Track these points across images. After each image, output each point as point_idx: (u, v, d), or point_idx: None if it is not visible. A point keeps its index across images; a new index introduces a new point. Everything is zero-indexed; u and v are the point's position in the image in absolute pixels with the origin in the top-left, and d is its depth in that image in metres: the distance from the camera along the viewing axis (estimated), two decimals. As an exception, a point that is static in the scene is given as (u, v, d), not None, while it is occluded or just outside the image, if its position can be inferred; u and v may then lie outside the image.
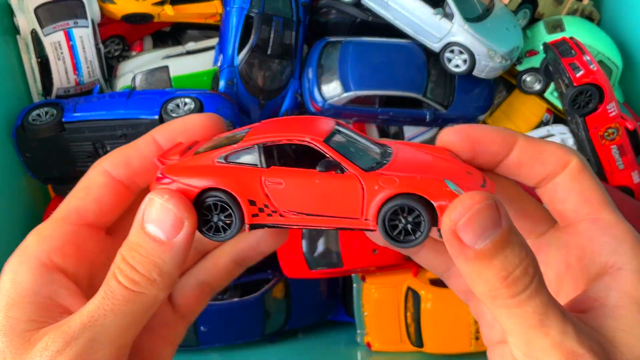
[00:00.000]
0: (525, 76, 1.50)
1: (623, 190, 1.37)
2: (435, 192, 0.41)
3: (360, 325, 1.39)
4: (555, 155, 0.46)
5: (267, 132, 0.46)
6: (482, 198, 0.38)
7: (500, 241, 0.38)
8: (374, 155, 0.46)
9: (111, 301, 0.42)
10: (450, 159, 0.46)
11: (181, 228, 0.43)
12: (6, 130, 1.31)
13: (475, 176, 0.45)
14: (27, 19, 1.36)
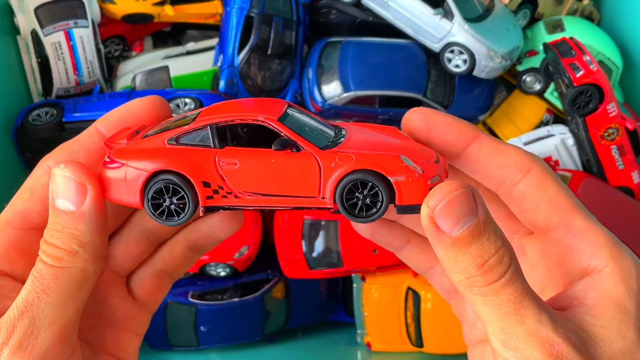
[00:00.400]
0: (525, 76, 1.50)
1: (623, 190, 1.37)
2: (392, 167, 0.41)
3: (360, 325, 1.39)
4: (514, 159, 0.46)
5: (221, 111, 0.45)
6: (459, 186, 0.39)
7: (477, 229, 0.39)
8: (328, 134, 0.45)
9: (40, 282, 0.42)
10: (402, 137, 0.46)
11: (86, 193, 0.43)
12: (6, 130, 1.31)
13: (428, 152, 0.44)
14: (27, 19, 1.36)
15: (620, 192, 1.36)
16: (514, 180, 0.46)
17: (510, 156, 0.46)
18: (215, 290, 1.41)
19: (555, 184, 0.45)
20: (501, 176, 0.46)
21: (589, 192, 1.28)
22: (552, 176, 0.46)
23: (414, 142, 0.46)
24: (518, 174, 0.45)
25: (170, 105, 1.29)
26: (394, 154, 0.42)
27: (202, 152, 0.43)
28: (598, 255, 0.43)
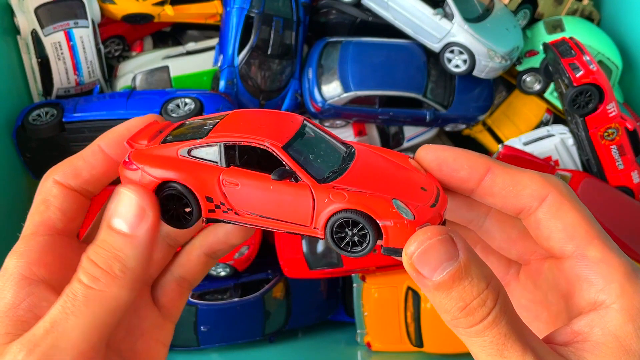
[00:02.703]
0: (525, 76, 1.50)
1: (623, 190, 1.37)
2: (381, 211, 0.42)
3: (360, 325, 1.39)
4: (530, 188, 0.45)
5: (234, 128, 0.46)
6: (435, 233, 0.40)
7: (457, 273, 0.39)
8: (333, 161, 0.46)
9: (72, 303, 0.41)
10: (411, 169, 0.47)
11: (144, 219, 0.43)
12: (6, 130, 1.31)
13: (429, 193, 0.45)
14: (27, 19, 1.36)
15: (620, 192, 1.36)
16: (531, 209, 0.45)
17: (525, 185, 0.45)
18: (215, 290, 1.41)
19: (573, 211, 0.44)
20: (518, 206, 0.45)
21: (589, 192, 1.28)
22: (570, 202, 0.44)
23: (420, 176, 0.46)
24: (534, 202, 0.45)
25: (171, 105, 1.30)
26: (386, 198, 0.43)
27: (209, 168, 0.45)
28: (608, 290, 0.42)
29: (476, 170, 0.45)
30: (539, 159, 1.38)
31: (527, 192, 0.44)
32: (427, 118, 1.47)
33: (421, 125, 1.52)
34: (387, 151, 0.49)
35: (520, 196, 0.45)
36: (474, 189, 0.46)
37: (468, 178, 0.46)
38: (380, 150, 0.49)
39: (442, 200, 0.45)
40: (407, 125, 1.55)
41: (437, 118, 1.47)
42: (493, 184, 0.45)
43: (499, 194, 0.45)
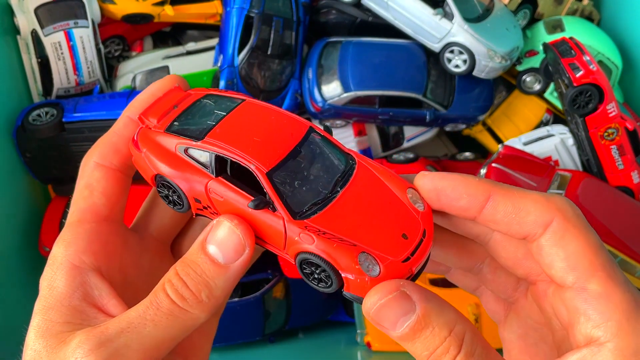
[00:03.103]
0: (525, 76, 1.50)
1: (623, 190, 1.37)
2: (345, 264, 0.42)
3: (360, 325, 1.39)
4: (533, 214, 0.43)
5: (231, 135, 0.45)
6: (387, 291, 0.40)
7: (417, 326, 0.40)
8: (323, 186, 0.45)
9: (154, 312, 0.42)
10: (402, 203, 0.45)
11: (242, 254, 0.44)
12: (6, 130, 1.31)
13: (409, 242, 0.43)
14: (27, 19, 1.36)
15: (620, 192, 1.36)
16: (535, 235, 0.43)
17: (528, 212, 0.43)
18: (215, 290, 1.41)
19: (578, 239, 0.42)
20: (522, 233, 0.44)
21: (589, 192, 1.28)
22: (575, 229, 0.42)
23: (408, 216, 0.45)
24: (538, 229, 0.43)
25: (170, 105, 1.30)
26: (353, 251, 0.42)
27: (200, 173, 0.46)
28: (605, 327, 0.40)
29: (476, 198, 0.44)
30: (539, 159, 1.38)
31: (531, 218, 0.43)
32: (427, 118, 1.47)
33: (421, 125, 1.52)
34: (388, 175, 0.47)
35: (524, 223, 0.43)
36: (475, 217, 0.45)
37: (468, 207, 0.44)
38: (381, 172, 0.47)
39: (421, 251, 0.44)
40: (407, 125, 1.55)
41: (437, 118, 1.47)
42: (495, 212, 0.44)
43: (501, 221, 0.44)
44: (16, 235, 1.33)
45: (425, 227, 0.45)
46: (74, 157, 1.34)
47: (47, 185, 1.46)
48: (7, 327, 1.21)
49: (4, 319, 1.21)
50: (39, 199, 1.45)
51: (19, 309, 1.28)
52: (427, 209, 0.45)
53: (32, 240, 1.36)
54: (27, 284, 1.34)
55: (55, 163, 1.35)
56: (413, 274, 0.44)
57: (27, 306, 1.41)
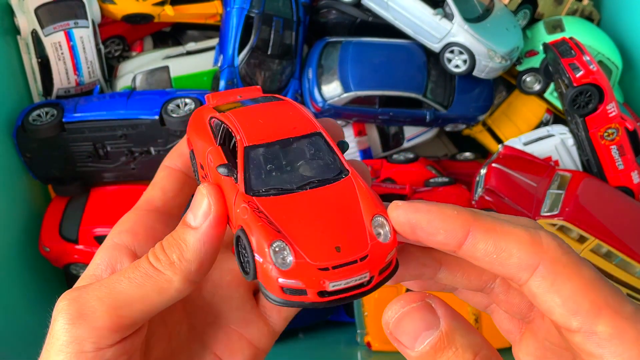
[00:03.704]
0: (525, 76, 1.50)
1: (623, 190, 1.37)
2: (258, 244, 0.40)
3: (360, 325, 1.39)
4: (516, 257, 0.38)
5: (246, 114, 0.48)
6: (410, 300, 0.38)
7: (439, 343, 0.36)
8: (295, 181, 0.43)
9: (132, 271, 0.45)
10: (357, 226, 0.42)
11: (209, 215, 0.45)
12: (6, 130, 1.31)
13: (340, 257, 0.40)
14: (27, 19, 1.36)
15: (620, 192, 1.36)
16: (521, 280, 0.39)
17: (511, 254, 0.38)
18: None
19: (572, 281, 0.38)
20: (506, 275, 0.39)
21: (589, 192, 1.28)
22: (567, 268, 0.38)
23: (355, 235, 0.41)
24: (523, 273, 0.38)
25: (171, 105, 1.30)
26: (274, 235, 0.40)
27: (209, 140, 0.49)
28: None
29: (453, 235, 0.39)
30: (539, 159, 1.38)
31: (514, 261, 0.38)
32: (427, 118, 1.47)
33: (421, 125, 1.52)
34: (369, 198, 0.43)
35: (506, 265, 0.39)
36: (455, 252, 0.41)
37: (445, 242, 0.40)
38: (363, 193, 0.43)
39: (347, 272, 0.40)
40: (407, 125, 1.55)
41: (437, 118, 1.47)
42: (474, 250, 0.39)
43: (482, 260, 0.39)
44: (16, 235, 1.33)
45: (373, 257, 0.40)
46: (74, 157, 1.34)
47: (47, 185, 1.46)
48: (7, 326, 1.20)
49: (4, 319, 1.21)
50: (39, 199, 1.45)
51: (19, 309, 1.28)
52: (390, 242, 0.41)
53: (32, 240, 1.36)
54: (27, 283, 1.34)
55: (55, 163, 1.35)
56: (326, 290, 0.40)
57: (27, 306, 1.41)
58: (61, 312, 0.44)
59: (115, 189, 1.39)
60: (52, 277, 1.44)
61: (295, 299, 0.40)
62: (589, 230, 1.19)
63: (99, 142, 1.32)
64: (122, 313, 0.43)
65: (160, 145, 1.33)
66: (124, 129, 1.30)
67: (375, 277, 0.41)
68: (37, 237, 1.36)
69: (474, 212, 0.40)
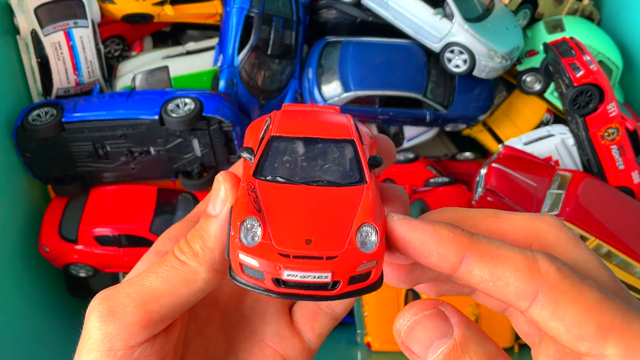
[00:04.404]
0: (525, 76, 1.50)
1: (623, 190, 1.37)
2: (235, 218, 0.40)
3: (360, 325, 1.39)
4: (513, 285, 0.37)
5: (299, 115, 0.48)
6: (422, 307, 0.36)
7: (453, 353, 0.35)
8: (306, 177, 0.43)
9: (159, 266, 0.45)
10: (340, 230, 0.40)
11: (226, 203, 0.44)
12: (6, 130, 1.31)
13: (305, 248, 0.39)
14: (27, 19, 1.35)
15: (620, 192, 1.36)
16: (520, 308, 0.37)
17: (508, 283, 0.37)
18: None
19: (574, 305, 0.36)
20: (505, 304, 0.39)
21: (589, 192, 1.27)
22: (567, 294, 0.36)
23: (336, 240, 0.39)
24: (522, 302, 0.37)
25: (170, 105, 1.30)
26: (251, 212, 0.40)
27: (255, 138, 0.49)
28: None
29: (447, 259, 0.38)
30: (539, 159, 1.38)
31: (511, 290, 0.37)
32: (427, 118, 1.46)
33: (421, 125, 1.52)
34: (368, 209, 0.41)
35: (504, 293, 0.37)
36: (450, 275, 0.39)
37: (439, 265, 0.39)
38: (367, 204, 0.42)
39: (308, 265, 0.38)
40: (407, 125, 1.55)
41: (437, 118, 1.47)
42: (470, 276, 0.38)
43: (478, 286, 0.38)
44: (16, 235, 1.33)
45: (343, 260, 0.38)
46: (73, 157, 1.34)
47: (47, 185, 1.46)
48: (7, 326, 1.20)
49: (4, 319, 1.21)
50: (39, 199, 1.44)
51: (18, 309, 1.28)
52: (370, 253, 0.39)
53: (32, 240, 1.36)
54: (27, 283, 1.34)
55: (55, 163, 1.35)
56: (281, 278, 0.38)
57: (26, 306, 1.41)
58: (93, 311, 0.43)
59: (115, 189, 1.39)
60: (52, 277, 1.44)
61: (252, 281, 0.40)
62: (589, 230, 1.19)
63: (98, 142, 1.32)
64: (151, 308, 0.43)
65: (160, 145, 1.33)
66: (124, 128, 1.30)
67: (341, 283, 0.39)
68: (37, 237, 1.36)
69: (470, 235, 0.38)
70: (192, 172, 1.38)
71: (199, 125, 1.29)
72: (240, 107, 1.42)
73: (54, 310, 1.41)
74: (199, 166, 1.37)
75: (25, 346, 1.24)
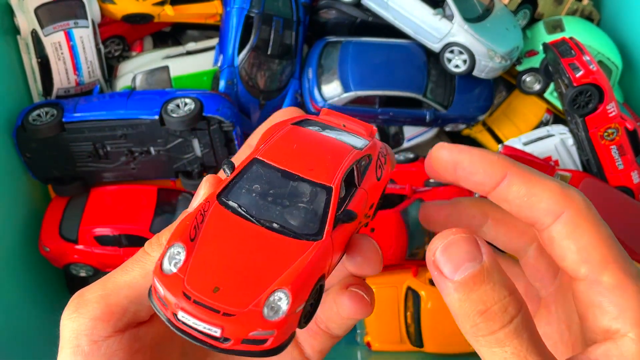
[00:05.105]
0: (525, 76, 1.50)
1: (623, 190, 1.37)
2: (165, 240, 0.44)
3: (360, 325, 1.39)
4: (545, 202, 0.42)
5: (296, 142, 0.45)
6: (460, 231, 0.39)
7: (479, 275, 0.38)
8: (257, 207, 0.42)
9: (128, 261, 0.46)
10: (255, 282, 0.39)
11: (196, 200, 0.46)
12: (6, 130, 1.31)
13: (210, 296, 0.38)
14: (27, 19, 1.35)
15: (620, 192, 1.36)
16: (544, 224, 0.43)
17: (540, 199, 0.42)
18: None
19: (590, 232, 0.41)
20: (531, 218, 0.43)
21: (589, 192, 1.27)
22: (588, 222, 0.42)
23: (244, 295, 0.38)
24: (548, 218, 0.42)
25: (170, 105, 1.30)
26: (181, 239, 0.40)
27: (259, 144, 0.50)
28: (622, 318, 0.40)
29: (492, 175, 0.44)
30: (539, 159, 1.38)
31: (542, 206, 0.42)
32: (427, 118, 1.47)
33: (421, 125, 1.52)
34: (299, 274, 0.39)
35: (534, 209, 0.42)
36: (489, 193, 0.45)
37: (483, 182, 0.44)
38: (300, 268, 0.40)
39: (201, 313, 0.37)
40: (407, 125, 1.55)
41: (437, 118, 1.47)
42: (508, 192, 0.43)
43: (513, 202, 0.44)
44: (16, 235, 1.33)
45: (239, 321, 0.37)
46: (73, 157, 1.34)
47: (47, 185, 1.46)
48: (7, 326, 1.20)
49: (4, 319, 1.21)
50: (39, 199, 1.45)
51: (18, 309, 1.28)
52: (272, 322, 0.38)
53: (32, 240, 1.36)
54: (27, 283, 1.34)
55: (55, 163, 1.35)
56: (177, 316, 0.38)
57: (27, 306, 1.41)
58: (64, 311, 0.44)
59: (115, 188, 1.39)
60: (52, 277, 1.44)
61: (159, 305, 0.39)
62: (588, 230, 1.19)
63: (98, 142, 1.32)
64: (111, 301, 0.44)
65: (160, 145, 1.33)
66: (124, 128, 1.30)
67: (233, 341, 0.38)
68: (37, 237, 1.36)
69: (511, 160, 0.44)
70: (192, 172, 1.38)
71: (199, 125, 1.29)
72: (240, 107, 1.42)
73: (54, 310, 1.40)
74: (199, 166, 1.37)
75: (25, 346, 1.25)
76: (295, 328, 0.40)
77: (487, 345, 0.39)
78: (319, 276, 0.40)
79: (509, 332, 0.38)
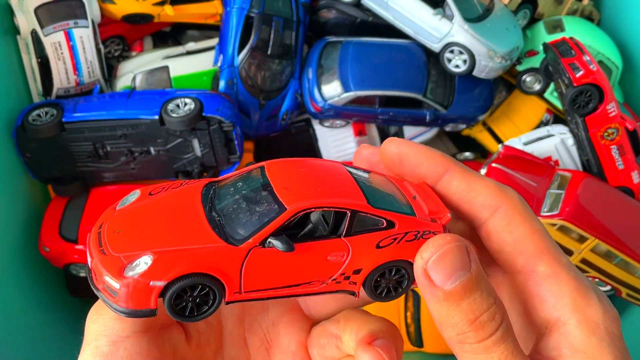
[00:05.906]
0: (525, 76, 1.50)
1: (623, 190, 1.37)
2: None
3: (360, 325, 1.39)
4: (482, 197, 0.44)
5: (296, 172, 0.46)
6: (453, 239, 0.40)
7: (469, 284, 0.39)
8: (244, 226, 0.42)
9: None
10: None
11: None
12: (6, 130, 1.31)
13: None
14: (27, 19, 1.35)
15: (620, 192, 1.36)
16: (481, 219, 0.45)
17: (478, 194, 0.44)
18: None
19: (524, 225, 0.43)
20: (470, 212, 0.45)
21: (589, 192, 1.28)
22: (521, 216, 0.44)
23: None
24: (485, 212, 0.44)
25: (170, 105, 1.30)
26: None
27: None
28: (560, 306, 0.42)
29: (434, 169, 0.46)
30: (539, 159, 1.38)
31: (479, 200, 0.44)
32: (427, 118, 1.46)
33: (421, 125, 1.52)
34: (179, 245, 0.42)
35: (472, 203, 0.45)
36: (434, 185, 0.47)
37: (426, 175, 0.46)
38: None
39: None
40: (407, 125, 1.55)
41: (437, 118, 1.47)
42: (449, 185, 0.46)
43: (453, 196, 0.46)
44: (16, 235, 1.33)
45: (101, 262, 0.40)
46: (74, 157, 1.34)
47: (47, 185, 1.46)
48: (7, 326, 1.20)
49: (4, 319, 1.21)
50: (39, 199, 1.45)
51: (18, 309, 1.28)
52: (126, 279, 0.39)
53: (32, 240, 1.36)
54: (27, 283, 1.34)
55: (55, 163, 1.35)
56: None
57: (26, 306, 1.41)
58: (89, 313, 0.45)
59: (115, 188, 1.39)
60: (52, 277, 1.44)
61: (94, 280, 0.42)
62: (588, 230, 1.19)
63: (98, 142, 1.32)
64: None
65: (160, 145, 1.33)
66: (124, 128, 1.30)
67: (97, 281, 0.41)
68: (37, 237, 1.36)
69: (454, 159, 0.47)
70: (192, 172, 1.38)
71: (199, 125, 1.29)
72: (240, 107, 1.42)
73: (54, 310, 1.41)
74: (199, 166, 1.37)
75: (25, 346, 1.25)
76: (149, 304, 0.40)
77: (473, 352, 0.39)
78: (203, 271, 0.40)
79: (496, 339, 0.39)
